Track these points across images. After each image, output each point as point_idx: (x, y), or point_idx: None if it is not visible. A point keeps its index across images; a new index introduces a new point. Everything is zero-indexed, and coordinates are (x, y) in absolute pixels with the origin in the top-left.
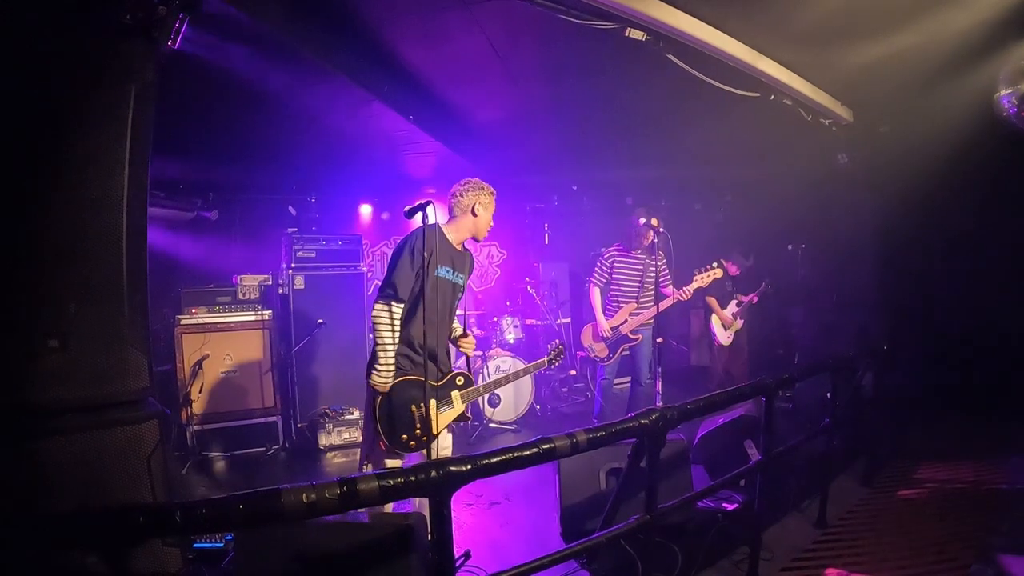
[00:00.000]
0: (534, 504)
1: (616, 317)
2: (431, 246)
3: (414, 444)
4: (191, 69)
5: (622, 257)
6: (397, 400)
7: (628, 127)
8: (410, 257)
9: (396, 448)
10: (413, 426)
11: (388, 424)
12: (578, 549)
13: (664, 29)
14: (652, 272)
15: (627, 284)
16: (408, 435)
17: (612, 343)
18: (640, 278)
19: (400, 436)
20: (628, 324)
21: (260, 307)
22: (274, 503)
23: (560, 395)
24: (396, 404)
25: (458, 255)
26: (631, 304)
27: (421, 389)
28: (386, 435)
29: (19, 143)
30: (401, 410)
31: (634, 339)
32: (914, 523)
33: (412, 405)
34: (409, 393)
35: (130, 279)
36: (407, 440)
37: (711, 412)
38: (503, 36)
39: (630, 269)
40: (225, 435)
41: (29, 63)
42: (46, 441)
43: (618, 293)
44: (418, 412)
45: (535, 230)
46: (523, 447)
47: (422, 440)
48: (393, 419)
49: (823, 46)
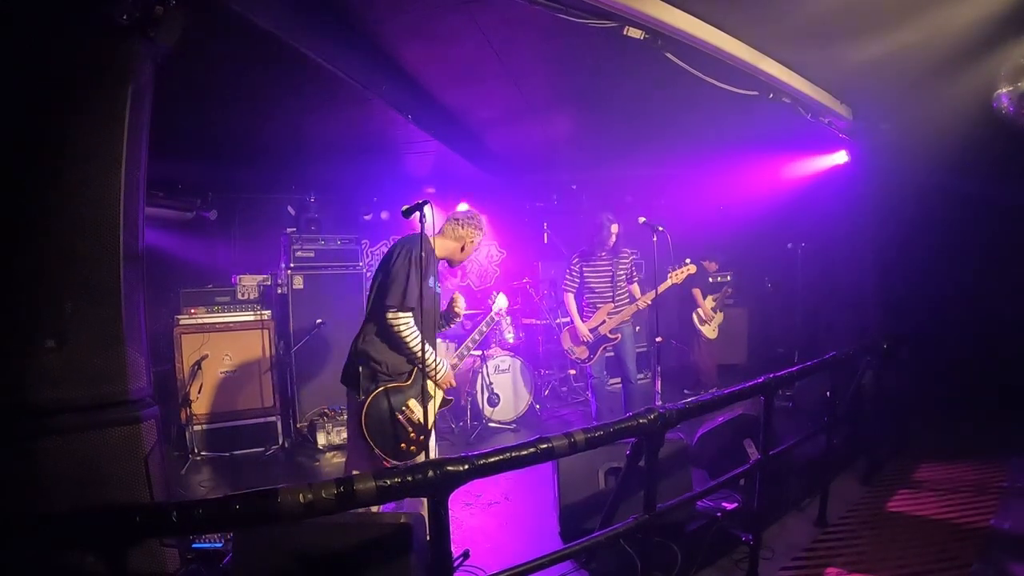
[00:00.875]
0: (533, 504)
1: (594, 318)
2: (426, 257)
3: (414, 448)
4: (191, 66)
5: (587, 262)
6: (383, 415)
7: (627, 126)
8: (416, 268)
9: (400, 459)
10: (407, 432)
11: (383, 440)
12: (577, 549)
13: (662, 27)
14: (622, 271)
15: (599, 286)
16: (406, 443)
17: (592, 344)
18: (611, 279)
19: (400, 446)
20: (606, 324)
21: (259, 307)
22: (271, 503)
23: (560, 395)
24: (383, 418)
25: (437, 266)
26: (608, 304)
27: (399, 395)
28: (386, 451)
29: (15, 142)
30: (390, 422)
31: (613, 338)
32: (914, 522)
33: (397, 413)
34: (390, 403)
35: (127, 279)
36: (407, 447)
37: (710, 411)
38: (501, 35)
39: (598, 272)
40: (224, 435)
41: (25, 63)
42: (43, 441)
43: (592, 296)
44: (404, 417)
45: (534, 229)
46: (521, 447)
47: (420, 441)
48: (387, 434)
49: (822, 44)
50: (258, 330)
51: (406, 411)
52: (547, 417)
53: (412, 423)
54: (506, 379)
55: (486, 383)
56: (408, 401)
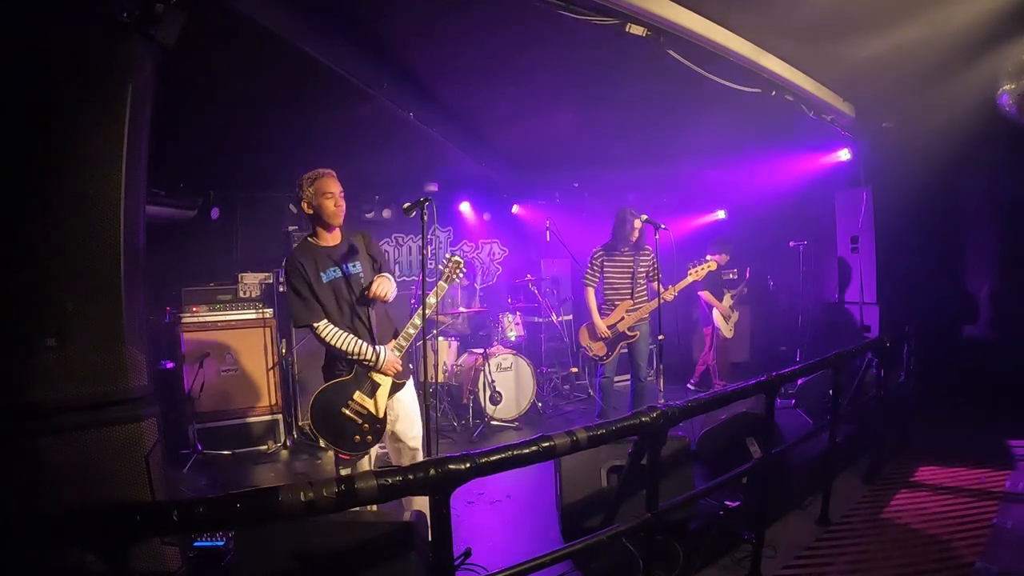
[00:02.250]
0: (535, 502)
1: (613, 315)
2: (304, 255)
3: (371, 438)
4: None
5: (609, 257)
6: (326, 413)
7: (630, 124)
8: (294, 290)
9: (355, 451)
10: (357, 424)
11: (334, 436)
12: (579, 547)
13: (664, 25)
14: (642, 268)
15: (619, 282)
16: (359, 434)
17: (610, 341)
18: (631, 274)
19: (353, 439)
20: (625, 321)
21: (261, 305)
22: (272, 502)
23: (562, 393)
24: (328, 417)
25: (338, 249)
26: (627, 301)
27: (337, 391)
28: (340, 446)
29: (16, 141)
30: (336, 419)
31: (631, 336)
32: (917, 521)
33: (342, 408)
34: (330, 400)
35: (128, 277)
36: (361, 439)
37: (713, 409)
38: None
39: (619, 267)
40: (226, 433)
41: (26, 61)
42: (44, 440)
43: (612, 292)
44: (352, 411)
45: (537, 227)
46: (523, 445)
47: (376, 430)
48: (334, 430)
49: (825, 41)
50: (260, 328)
51: (352, 404)
52: (549, 415)
53: (362, 415)
54: (508, 377)
55: (488, 381)
56: (354, 395)
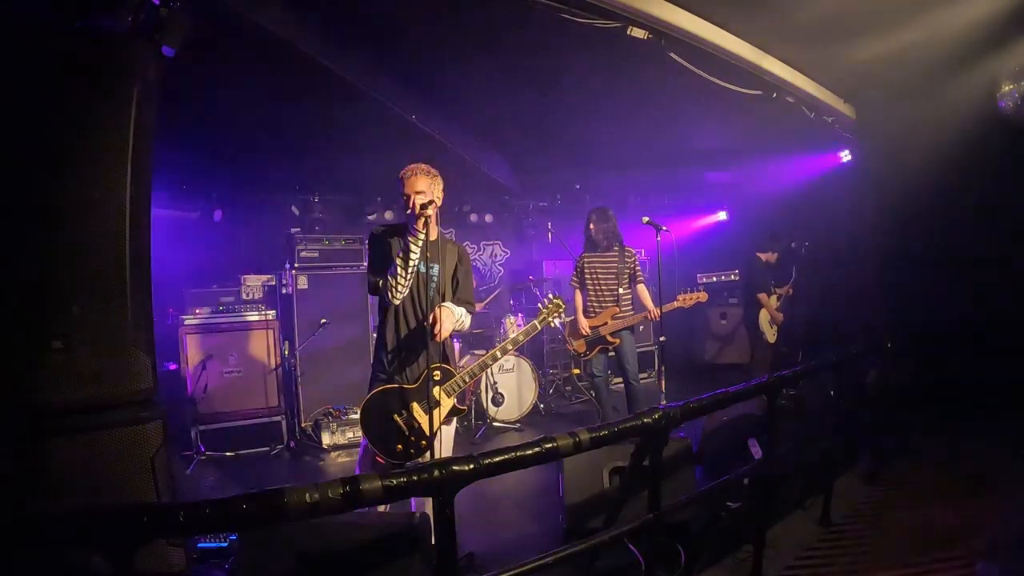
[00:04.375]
0: (538, 503)
1: (599, 318)
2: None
3: (413, 452)
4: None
5: (591, 258)
6: (377, 414)
7: (632, 126)
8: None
9: (392, 459)
10: (404, 434)
11: (376, 436)
12: (581, 548)
13: (666, 27)
14: (625, 269)
15: (604, 282)
16: (403, 444)
17: (590, 341)
18: (615, 275)
19: (395, 447)
20: (608, 326)
21: (264, 307)
22: (277, 503)
23: (564, 394)
24: (377, 418)
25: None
26: (613, 308)
27: (396, 397)
28: (380, 450)
29: (22, 145)
30: (384, 423)
31: (612, 341)
32: (918, 521)
33: (394, 415)
34: (385, 404)
35: (133, 280)
36: (404, 450)
37: (714, 411)
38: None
39: (604, 268)
40: (230, 435)
41: (32, 66)
42: (50, 442)
43: (597, 293)
44: (402, 420)
45: (538, 228)
46: (526, 446)
47: (421, 446)
48: (379, 433)
49: (826, 43)
50: (263, 330)
51: (406, 414)
52: (552, 416)
53: (413, 428)
54: (511, 378)
55: (490, 383)
56: (412, 405)
